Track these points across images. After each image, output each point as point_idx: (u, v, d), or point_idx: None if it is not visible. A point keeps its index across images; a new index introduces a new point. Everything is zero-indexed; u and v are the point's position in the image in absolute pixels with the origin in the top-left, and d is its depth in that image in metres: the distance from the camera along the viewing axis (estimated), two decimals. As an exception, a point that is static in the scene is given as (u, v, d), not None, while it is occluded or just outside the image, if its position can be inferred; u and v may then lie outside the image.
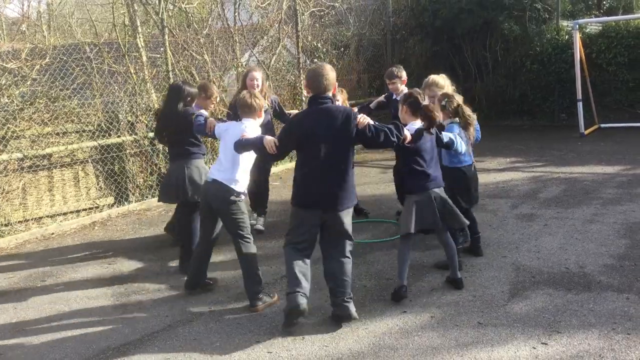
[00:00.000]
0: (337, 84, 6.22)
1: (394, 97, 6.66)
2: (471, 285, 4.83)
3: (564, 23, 13.59)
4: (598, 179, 8.28)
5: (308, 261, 4.34)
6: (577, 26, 11.89)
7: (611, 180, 8.15)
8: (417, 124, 4.72)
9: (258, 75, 6.54)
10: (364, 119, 4.22)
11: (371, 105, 6.98)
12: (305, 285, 4.23)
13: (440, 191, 4.70)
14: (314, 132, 4.21)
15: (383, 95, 7.09)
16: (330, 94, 4.35)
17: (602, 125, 12.47)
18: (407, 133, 4.45)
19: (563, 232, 6.04)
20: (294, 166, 4.53)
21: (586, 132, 11.89)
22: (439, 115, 4.78)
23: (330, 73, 4.34)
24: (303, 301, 4.16)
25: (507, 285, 4.79)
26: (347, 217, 4.33)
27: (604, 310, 4.27)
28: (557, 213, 6.72)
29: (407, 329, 4.17)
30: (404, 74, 6.69)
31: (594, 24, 13.39)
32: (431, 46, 14.19)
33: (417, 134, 4.56)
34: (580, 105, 11.93)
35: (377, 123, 4.31)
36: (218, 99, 5.58)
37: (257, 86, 6.45)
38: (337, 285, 4.26)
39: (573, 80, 12.14)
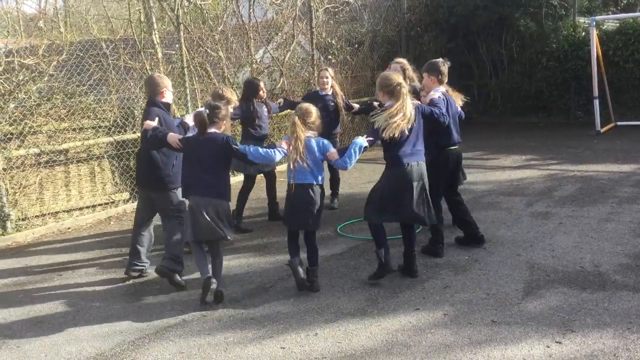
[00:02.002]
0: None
1: None
2: (485, 283, 4.82)
3: (581, 20, 13.48)
4: (614, 177, 8.21)
5: (146, 229, 5.45)
6: (594, 23, 11.78)
7: (627, 178, 8.08)
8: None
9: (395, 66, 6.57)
10: (145, 124, 5.03)
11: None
12: (138, 252, 5.41)
13: (214, 202, 4.67)
14: None
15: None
16: (159, 97, 5.22)
17: (619, 123, 12.36)
18: (173, 139, 4.88)
19: (578, 231, 6.00)
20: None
21: (602, 130, 11.79)
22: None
23: (157, 80, 5.30)
24: (136, 268, 5.36)
25: (521, 284, 4.77)
26: (163, 198, 5.21)
27: (619, 309, 4.24)
28: (572, 211, 6.68)
29: (420, 326, 4.17)
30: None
31: (611, 20, 13.26)
32: (446, 43, 14.14)
33: (182, 140, 4.88)
34: (596, 102, 11.83)
35: (160, 127, 5.02)
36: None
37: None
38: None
39: (589, 78, 12.03)
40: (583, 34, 13.08)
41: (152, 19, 8.57)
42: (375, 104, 7.11)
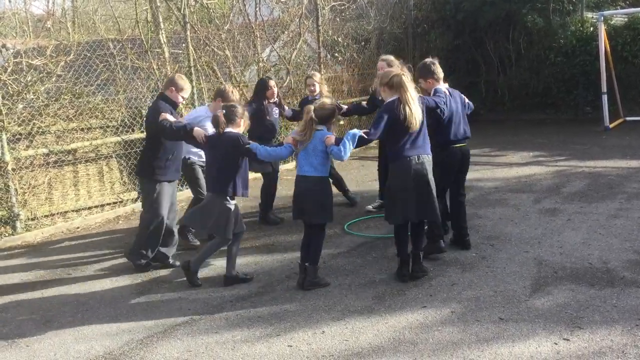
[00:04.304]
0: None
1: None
2: (492, 281, 4.81)
3: (589, 15, 13.39)
4: (623, 173, 8.16)
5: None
6: (602, 18, 11.72)
7: (636, 174, 8.04)
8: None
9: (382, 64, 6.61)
10: (162, 115, 5.23)
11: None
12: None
13: (211, 196, 5.04)
14: None
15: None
16: (167, 92, 5.49)
17: (628, 118, 12.28)
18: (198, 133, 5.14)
19: (586, 227, 5.97)
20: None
21: (611, 125, 11.73)
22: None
23: (171, 77, 5.66)
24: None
25: (529, 281, 4.76)
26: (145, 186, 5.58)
27: (628, 306, 4.22)
28: (580, 208, 6.65)
29: (427, 323, 4.17)
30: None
31: (619, 15, 13.17)
32: (453, 39, 14.10)
33: (207, 137, 5.17)
34: (605, 98, 11.77)
35: (178, 123, 5.27)
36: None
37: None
38: None
39: (598, 73, 11.97)
40: (591, 29, 13.00)
41: (159, 18, 8.60)
42: (364, 103, 7.20)
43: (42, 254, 6.39)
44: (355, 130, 4.74)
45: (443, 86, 5.41)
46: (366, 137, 4.74)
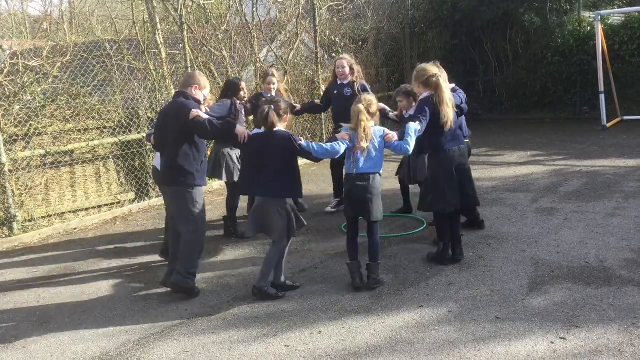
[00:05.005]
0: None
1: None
2: (489, 280, 4.81)
3: (586, 14, 13.40)
4: (620, 172, 8.17)
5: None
6: (599, 17, 11.72)
7: (633, 173, 8.04)
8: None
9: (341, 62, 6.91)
10: (193, 113, 4.70)
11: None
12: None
13: (270, 201, 4.67)
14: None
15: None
16: (189, 90, 4.89)
17: (625, 117, 12.29)
18: (242, 131, 4.76)
19: (583, 226, 5.97)
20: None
21: (608, 124, 11.73)
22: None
23: (193, 74, 5.13)
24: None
25: (525, 280, 4.76)
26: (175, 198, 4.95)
27: (624, 305, 4.22)
28: (577, 207, 6.65)
29: (424, 323, 4.17)
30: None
31: (616, 14, 13.18)
32: (450, 39, 14.11)
33: (250, 136, 4.79)
34: (602, 97, 11.77)
35: (212, 119, 4.83)
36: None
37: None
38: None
39: (595, 72, 11.97)
40: (588, 28, 13.01)
41: (156, 19, 8.60)
42: (317, 101, 7.34)
43: (39, 256, 6.38)
44: (412, 124, 4.83)
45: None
46: (421, 130, 4.90)
